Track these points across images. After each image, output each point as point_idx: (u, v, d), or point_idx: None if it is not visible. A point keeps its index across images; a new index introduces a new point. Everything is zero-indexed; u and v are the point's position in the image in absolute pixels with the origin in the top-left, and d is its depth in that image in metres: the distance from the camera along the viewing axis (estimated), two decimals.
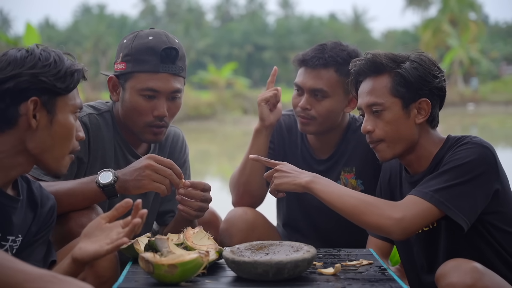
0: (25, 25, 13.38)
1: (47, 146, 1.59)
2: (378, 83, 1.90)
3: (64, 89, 1.60)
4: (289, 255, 1.67)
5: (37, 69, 1.56)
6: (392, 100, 1.87)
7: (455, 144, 1.86)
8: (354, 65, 1.97)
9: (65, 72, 1.59)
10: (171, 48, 2.09)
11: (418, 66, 1.87)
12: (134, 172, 1.89)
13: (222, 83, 29.25)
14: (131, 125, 2.14)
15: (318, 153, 2.54)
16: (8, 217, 1.59)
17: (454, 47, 35.90)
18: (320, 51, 2.37)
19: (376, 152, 1.94)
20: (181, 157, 2.39)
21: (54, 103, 1.59)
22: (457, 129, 18.78)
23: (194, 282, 1.58)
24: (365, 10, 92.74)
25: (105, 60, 35.90)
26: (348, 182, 2.50)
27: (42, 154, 1.59)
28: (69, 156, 1.65)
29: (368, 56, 1.94)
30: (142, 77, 2.08)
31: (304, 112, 2.38)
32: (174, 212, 2.39)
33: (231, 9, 66.33)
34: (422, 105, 1.88)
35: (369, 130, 1.91)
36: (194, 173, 2.57)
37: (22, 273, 1.24)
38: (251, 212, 2.45)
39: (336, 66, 2.35)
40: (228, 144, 17.05)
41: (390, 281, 1.62)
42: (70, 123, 1.63)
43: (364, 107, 1.93)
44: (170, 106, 2.12)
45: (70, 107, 1.63)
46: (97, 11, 60.12)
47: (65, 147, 1.63)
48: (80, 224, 1.82)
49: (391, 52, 1.94)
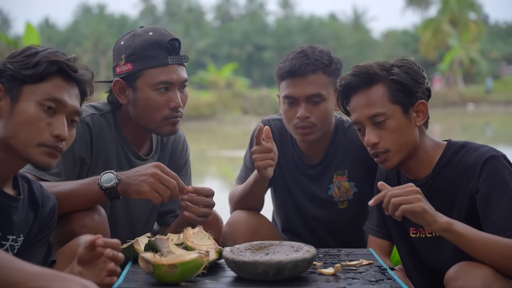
0: (25, 25, 13.40)
1: (10, 133, 1.55)
2: (374, 94, 1.88)
3: (30, 77, 1.56)
4: (289, 255, 1.67)
5: (11, 58, 1.57)
6: (393, 108, 1.86)
7: (460, 153, 1.84)
8: (343, 80, 1.94)
9: (37, 61, 1.57)
10: (174, 39, 2.12)
11: (407, 69, 1.88)
12: (139, 177, 1.88)
13: (222, 83, 29.28)
14: (146, 123, 2.14)
15: (309, 158, 2.54)
16: (8, 216, 1.59)
17: (454, 47, 35.91)
18: (304, 58, 2.37)
19: (381, 163, 1.91)
20: (182, 158, 2.39)
21: (19, 90, 1.57)
22: (457, 129, 18.77)
23: (194, 282, 1.58)
24: (365, 10, 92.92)
25: (105, 60, 35.93)
26: (341, 185, 2.50)
27: (8, 142, 1.56)
28: (42, 148, 1.57)
29: (358, 68, 1.92)
30: (153, 72, 2.09)
31: (305, 121, 2.36)
32: (175, 212, 2.39)
33: (231, 9, 66.36)
34: (420, 107, 1.89)
35: (375, 143, 1.88)
36: (194, 173, 2.56)
37: (23, 272, 1.23)
38: (254, 215, 2.43)
39: (323, 68, 2.36)
40: (228, 144, 17.04)
41: (390, 281, 1.62)
42: (31, 111, 1.56)
43: (364, 120, 1.89)
44: (181, 96, 2.14)
45: (38, 96, 1.57)
46: (97, 11, 60.16)
47: (29, 137, 1.56)
48: (82, 224, 1.82)
49: (376, 61, 1.93)
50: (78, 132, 2.01)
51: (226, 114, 25.26)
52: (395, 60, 1.93)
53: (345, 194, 2.50)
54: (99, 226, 1.85)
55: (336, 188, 2.50)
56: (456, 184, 1.84)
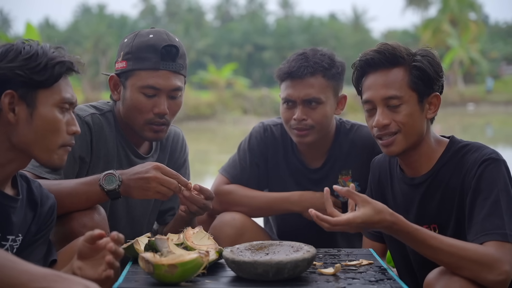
0: (25, 25, 13.40)
1: (31, 140, 1.56)
2: (394, 76, 1.84)
3: (44, 82, 1.57)
4: (289, 255, 1.67)
5: (16, 62, 1.54)
6: (410, 94, 1.83)
7: (461, 152, 1.83)
8: (365, 56, 1.89)
9: (45, 65, 1.56)
10: (171, 45, 2.09)
11: (431, 60, 1.85)
12: (139, 180, 1.88)
13: (222, 83, 29.29)
14: (131, 123, 2.15)
15: (311, 162, 2.52)
16: (7, 216, 1.59)
17: (454, 47, 35.92)
18: (304, 60, 2.36)
19: (385, 146, 1.86)
20: (181, 157, 2.40)
21: (34, 96, 1.56)
22: (457, 129, 18.77)
23: (194, 282, 1.58)
24: (365, 10, 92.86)
25: (105, 60, 35.91)
26: (346, 185, 2.48)
27: (28, 149, 1.57)
28: (62, 149, 1.61)
29: (386, 46, 1.87)
30: (143, 75, 2.09)
31: (301, 124, 2.36)
32: (174, 209, 2.39)
33: (231, 9, 66.35)
34: (433, 100, 1.86)
35: (385, 124, 1.84)
36: (194, 173, 2.56)
37: (25, 273, 1.23)
38: (239, 217, 2.39)
39: (323, 71, 2.35)
40: (228, 144, 17.04)
41: (390, 281, 1.62)
42: (52, 116, 1.58)
43: (378, 100, 1.85)
44: (170, 104, 2.12)
45: (54, 100, 1.59)
46: (97, 11, 60.13)
47: (52, 141, 1.59)
48: (82, 224, 1.83)
49: (402, 44, 1.89)
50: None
51: (226, 114, 25.25)
52: (418, 49, 1.89)
53: None
54: (99, 226, 1.85)
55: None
56: (455, 183, 1.82)
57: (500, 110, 29.58)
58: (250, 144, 2.56)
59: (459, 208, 1.82)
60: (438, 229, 1.86)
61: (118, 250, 1.41)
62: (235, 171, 2.54)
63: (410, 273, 2.00)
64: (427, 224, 1.88)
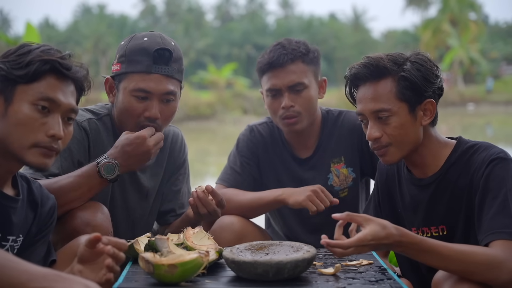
0: (25, 25, 13.38)
1: (4, 134, 1.54)
2: (381, 88, 1.83)
3: (22, 77, 1.55)
4: (289, 255, 1.67)
5: (4, 57, 1.56)
6: (399, 105, 1.81)
7: (469, 152, 1.82)
8: (352, 69, 1.88)
9: (29, 61, 1.55)
10: (164, 49, 2.07)
11: (420, 67, 1.82)
12: (133, 151, 1.97)
13: (222, 83, 29.28)
14: (124, 126, 2.13)
15: (301, 152, 2.56)
16: (7, 217, 1.59)
17: (454, 47, 35.92)
18: (282, 49, 2.43)
19: (382, 157, 1.87)
20: (180, 157, 2.40)
21: (12, 91, 1.55)
22: (457, 129, 18.76)
23: (194, 282, 1.58)
24: (365, 10, 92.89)
25: (105, 60, 35.92)
26: (340, 172, 2.52)
27: (2, 144, 1.55)
28: (37, 149, 1.55)
29: (369, 60, 1.85)
30: (134, 78, 2.08)
31: (289, 111, 2.41)
32: (175, 211, 2.39)
33: (231, 9, 66.34)
34: (428, 106, 1.84)
35: (376, 137, 1.83)
36: (194, 173, 2.56)
37: (25, 273, 1.23)
38: (239, 221, 2.36)
39: (301, 57, 2.43)
40: (228, 144, 17.04)
41: (390, 281, 1.62)
42: (25, 112, 1.54)
43: (368, 113, 1.85)
44: (163, 108, 2.09)
45: (31, 97, 1.55)
46: (97, 11, 60.17)
47: (22, 138, 1.54)
48: (86, 223, 1.83)
49: (390, 53, 1.87)
50: (76, 136, 2.03)
51: (226, 114, 25.24)
52: (410, 53, 1.87)
53: (345, 182, 2.52)
54: (102, 225, 1.86)
55: (335, 177, 2.52)
56: (463, 183, 1.81)
57: (500, 110, 29.56)
58: (239, 148, 2.60)
59: (467, 208, 1.80)
60: (447, 230, 1.86)
61: (119, 254, 1.41)
62: (230, 177, 2.56)
63: (415, 272, 1.99)
64: (436, 226, 1.87)
